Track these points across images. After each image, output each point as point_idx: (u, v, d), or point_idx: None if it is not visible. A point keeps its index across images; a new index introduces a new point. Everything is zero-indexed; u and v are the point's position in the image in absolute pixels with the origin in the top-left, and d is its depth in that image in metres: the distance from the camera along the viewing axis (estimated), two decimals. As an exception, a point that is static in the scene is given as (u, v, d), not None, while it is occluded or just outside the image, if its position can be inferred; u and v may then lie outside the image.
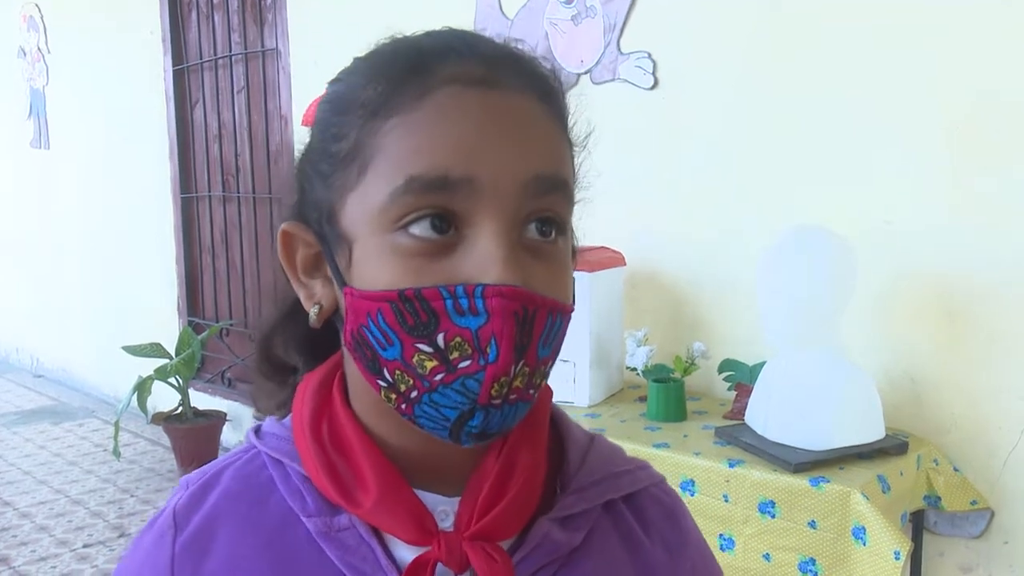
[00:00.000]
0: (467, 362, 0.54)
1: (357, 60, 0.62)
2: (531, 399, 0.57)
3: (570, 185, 0.60)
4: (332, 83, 0.62)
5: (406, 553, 0.60)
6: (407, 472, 0.60)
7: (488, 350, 0.53)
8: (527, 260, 0.56)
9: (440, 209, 0.54)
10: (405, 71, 0.57)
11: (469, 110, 0.56)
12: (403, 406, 0.57)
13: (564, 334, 0.59)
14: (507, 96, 0.57)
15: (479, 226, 0.55)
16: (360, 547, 0.60)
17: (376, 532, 0.60)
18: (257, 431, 0.67)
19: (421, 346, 0.54)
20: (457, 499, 0.61)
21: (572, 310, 0.59)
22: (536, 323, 0.55)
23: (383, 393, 0.57)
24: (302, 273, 0.63)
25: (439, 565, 0.59)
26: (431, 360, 0.54)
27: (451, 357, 0.54)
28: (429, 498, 0.61)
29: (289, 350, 0.69)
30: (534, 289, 0.55)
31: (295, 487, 0.62)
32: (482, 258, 0.54)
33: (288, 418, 0.66)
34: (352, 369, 0.62)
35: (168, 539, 0.62)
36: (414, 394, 0.56)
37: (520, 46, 0.62)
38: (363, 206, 0.57)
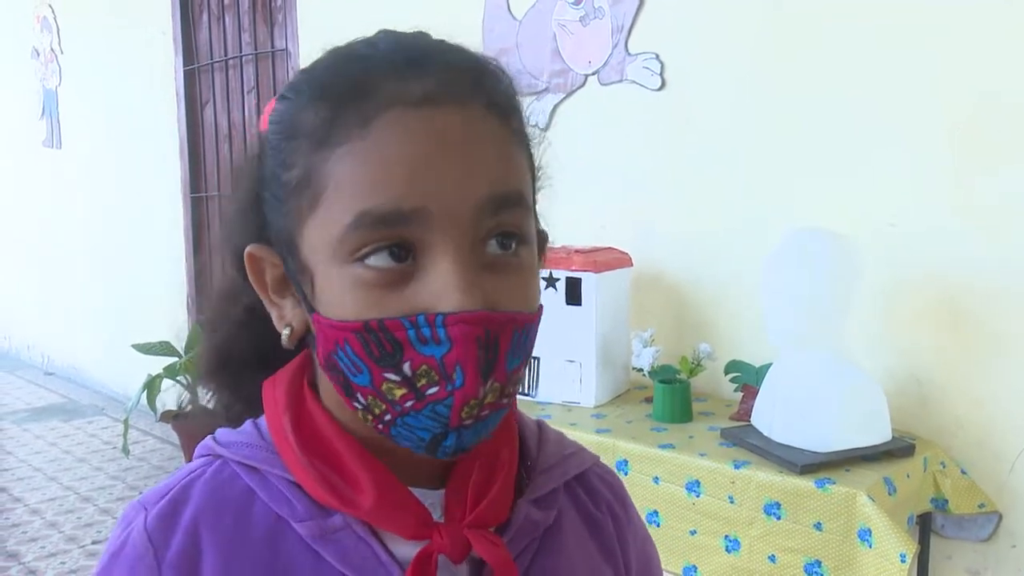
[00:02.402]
0: (435, 388, 0.55)
1: (302, 75, 0.61)
2: (505, 407, 0.58)
3: (526, 197, 0.59)
4: (280, 99, 0.61)
5: (402, 547, 0.61)
6: (389, 468, 0.61)
7: (454, 376, 0.54)
8: (488, 277, 0.56)
9: (396, 240, 0.55)
10: (347, 94, 0.56)
11: (415, 135, 0.55)
12: (379, 426, 0.58)
13: (534, 339, 0.60)
14: (452, 114, 0.56)
15: (436, 253, 0.55)
16: (358, 546, 0.60)
17: (371, 529, 0.61)
18: (216, 441, 0.65)
19: (389, 375, 0.55)
20: (439, 492, 0.63)
21: (539, 315, 0.60)
22: (502, 341, 0.55)
23: (359, 413, 0.59)
24: (273, 293, 0.63)
25: (440, 556, 0.60)
26: (400, 388, 0.55)
27: (419, 384, 0.55)
28: (414, 492, 0.61)
29: (247, 356, 0.68)
30: (498, 305, 0.55)
31: (279, 493, 0.61)
32: (440, 285, 0.54)
33: (248, 425, 0.66)
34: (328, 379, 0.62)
35: (148, 562, 0.58)
36: (388, 417, 0.57)
37: (463, 46, 0.61)
38: (319, 238, 0.57)
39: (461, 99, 0.57)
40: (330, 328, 0.57)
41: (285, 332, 0.62)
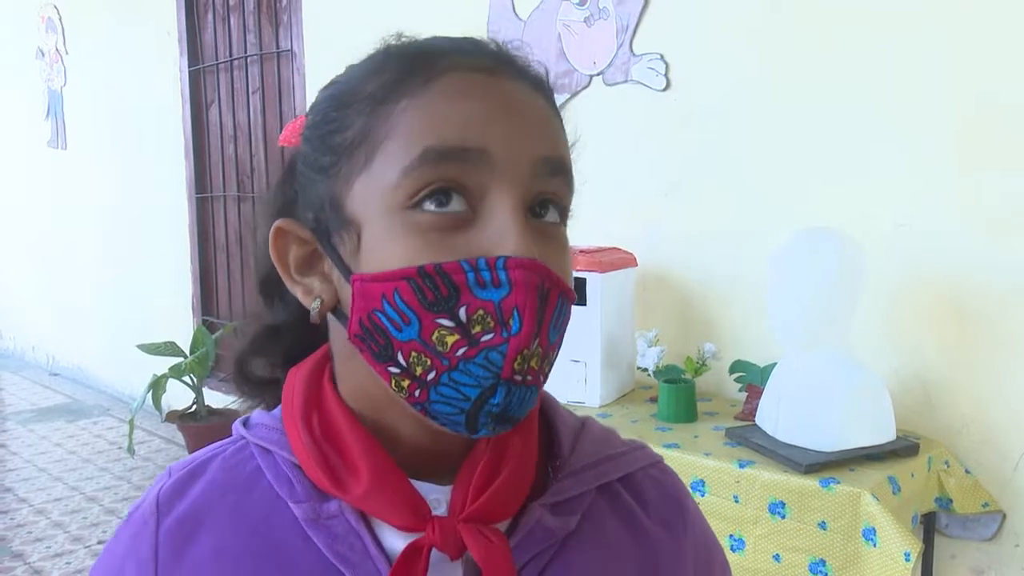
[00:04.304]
0: (490, 335, 0.53)
1: (353, 65, 0.62)
2: (541, 385, 0.58)
3: (572, 172, 0.61)
4: (326, 88, 0.63)
5: (397, 542, 0.59)
6: (401, 463, 0.60)
7: (511, 322, 0.53)
8: (537, 239, 0.56)
9: (453, 183, 0.55)
10: (410, 61, 0.58)
11: (477, 92, 0.57)
12: (417, 392, 0.56)
13: (568, 322, 0.59)
14: (514, 84, 0.59)
15: (493, 199, 0.55)
16: (348, 535, 0.59)
17: (366, 521, 0.60)
18: (245, 422, 0.67)
19: (442, 321, 0.54)
20: (450, 487, 0.61)
21: (575, 299, 0.60)
22: (550, 301, 0.55)
23: (394, 382, 0.56)
24: (295, 272, 0.62)
25: (434, 552, 0.58)
26: (452, 335, 0.54)
27: (473, 331, 0.53)
28: (422, 486, 0.60)
29: (271, 368, 0.69)
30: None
31: (283, 474, 0.62)
32: (499, 231, 0.54)
33: (277, 408, 0.66)
34: (348, 366, 0.61)
35: (151, 525, 0.61)
36: (431, 375, 0.55)
37: (516, 50, 0.63)
38: (373, 187, 0.57)
39: (522, 79, 0.60)
40: (375, 282, 0.55)
41: (314, 304, 0.61)
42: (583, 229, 2.61)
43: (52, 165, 6.28)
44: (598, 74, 2.77)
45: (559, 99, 2.84)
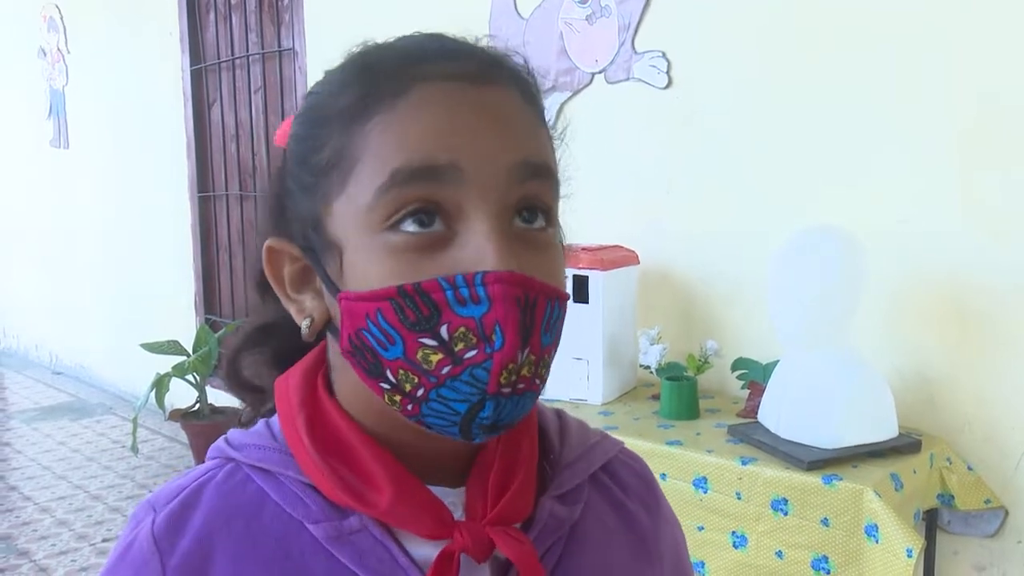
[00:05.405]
0: (473, 352, 0.53)
1: (329, 72, 0.62)
2: (538, 390, 0.57)
3: (555, 173, 0.60)
4: (307, 96, 0.62)
5: (420, 549, 0.59)
6: (408, 467, 0.59)
7: (493, 337, 0.52)
8: (519, 248, 0.55)
9: (428, 202, 0.54)
10: (381, 73, 0.57)
11: (449, 102, 0.55)
12: (409, 407, 0.56)
13: (563, 323, 0.58)
14: (485, 89, 0.57)
15: (470, 216, 0.54)
16: (375, 548, 0.58)
17: (388, 531, 0.59)
18: (228, 443, 0.63)
19: (425, 340, 0.53)
20: (460, 490, 0.61)
21: (568, 298, 0.59)
22: (537, 309, 0.54)
23: (387, 396, 0.56)
24: (290, 289, 0.62)
25: (462, 556, 0.58)
26: (436, 354, 0.53)
27: (456, 349, 0.53)
28: (434, 491, 0.60)
29: (260, 369, 0.68)
30: (530, 276, 0.54)
31: (292, 494, 0.60)
32: (477, 247, 0.53)
33: (261, 425, 0.64)
34: (348, 375, 0.60)
35: (154, 567, 0.57)
36: (420, 392, 0.54)
37: (494, 44, 0.62)
38: (350, 209, 0.56)
39: (495, 80, 0.58)
40: (360, 302, 0.55)
41: (305, 323, 0.61)
42: (585, 227, 2.62)
43: (54, 164, 6.28)
44: (600, 72, 2.77)
45: (561, 97, 2.87)
